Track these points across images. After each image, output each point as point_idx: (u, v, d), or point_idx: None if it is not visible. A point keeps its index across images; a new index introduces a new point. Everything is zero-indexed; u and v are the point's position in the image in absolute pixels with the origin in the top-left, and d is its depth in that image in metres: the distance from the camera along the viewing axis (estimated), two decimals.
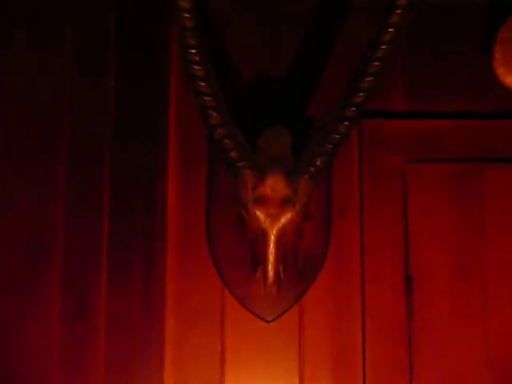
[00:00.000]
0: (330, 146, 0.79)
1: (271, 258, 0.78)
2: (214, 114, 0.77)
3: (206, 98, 0.76)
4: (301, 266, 0.95)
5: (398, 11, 0.77)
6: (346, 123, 0.78)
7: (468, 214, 0.98)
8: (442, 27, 1.04)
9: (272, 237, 0.78)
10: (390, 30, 0.78)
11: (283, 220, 0.79)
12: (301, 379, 0.95)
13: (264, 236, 0.79)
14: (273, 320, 0.94)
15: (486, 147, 1.00)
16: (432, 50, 1.04)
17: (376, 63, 0.79)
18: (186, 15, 0.70)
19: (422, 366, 0.95)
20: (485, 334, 0.95)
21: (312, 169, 0.79)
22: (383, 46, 0.78)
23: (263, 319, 0.94)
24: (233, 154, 0.79)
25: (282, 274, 0.85)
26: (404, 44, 1.02)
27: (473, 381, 0.95)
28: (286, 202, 0.79)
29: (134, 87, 0.94)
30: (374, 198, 0.99)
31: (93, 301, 0.78)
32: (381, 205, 0.98)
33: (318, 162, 0.79)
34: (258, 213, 0.79)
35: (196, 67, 0.74)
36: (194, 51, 0.73)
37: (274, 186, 0.79)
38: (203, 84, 0.75)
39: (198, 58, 0.74)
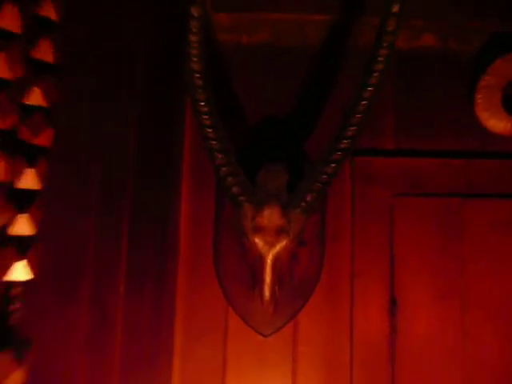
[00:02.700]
0: (319, 184, 0.88)
1: (268, 279, 0.86)
2: (219, 156, 0.87)
3: (212, 142, 0.87)
4: (297, 286, 1.03)
5: (381, 58, 0.87)
6: (332, 165, 0.87)
7: (448, 242, 1.08)
8: (429, 75, 1.14)
9: (268, 261, 0.86)
10: (375, 74, 0.87)
11: (278, 247, 0.87)
12: None
13: (261, 261, 0.86)
14: (270, 335, 1.03)
15: (466, 183, 1.09)
16: (420, 95, 1.14)
17: (362, 104, 0.87)
18: (197, 75, 0.83)
19: (404, 382, 1.04)
20: (462, 356, 1.04)
21: (303, 204, 0.88)
22: (369, 88, 0.87)
23: (261, 334, 1.03)
24: (234, 190, 0.88)
25: (277, 294, 0.90)
26: (394, 89, 1.13)
27: None
28: (280, 232, 0.87)
29: (158, 135, 1.06)
30: (364, 227, 1.09)
31: (113, 312, 0.90)
32: (370, 233, 1.09)
33: (309, 198, 0.88)
34: (257, 240, 0.87)
35: (204, 117, 0.86)
36: (202, 104, 0.85)
37: (271, 217, 0.87)
38: (210, 131, 0.86)
39: (206, 110, 0.86)
